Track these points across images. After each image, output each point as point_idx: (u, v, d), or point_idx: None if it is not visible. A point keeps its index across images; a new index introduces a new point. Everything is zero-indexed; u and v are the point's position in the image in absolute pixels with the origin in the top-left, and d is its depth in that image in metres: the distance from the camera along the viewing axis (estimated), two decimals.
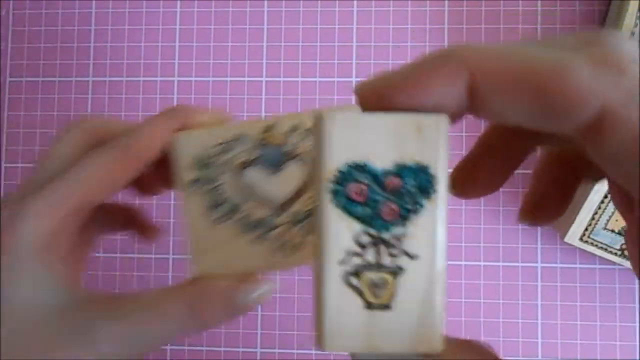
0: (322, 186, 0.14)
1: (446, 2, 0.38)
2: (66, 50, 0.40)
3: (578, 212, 0.33)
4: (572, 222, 0.33)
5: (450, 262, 0.37)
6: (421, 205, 0.14)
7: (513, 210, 0.37)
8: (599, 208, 0.32)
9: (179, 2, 0.40)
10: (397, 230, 0.14)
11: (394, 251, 0.14)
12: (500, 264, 0.37)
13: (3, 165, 0.40)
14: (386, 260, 0.14)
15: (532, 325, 0.37)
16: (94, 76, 0.40)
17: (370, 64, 0.38)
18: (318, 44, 0.39)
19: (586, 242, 0.33)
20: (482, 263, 0.37)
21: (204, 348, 0.39)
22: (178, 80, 0.40)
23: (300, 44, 0.39)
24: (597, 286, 0.37)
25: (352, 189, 0.14)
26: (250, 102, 0.39)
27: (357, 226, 0.14)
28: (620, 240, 0.33)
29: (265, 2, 0.39)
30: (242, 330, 0.38)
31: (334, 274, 0.14)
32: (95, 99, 0.40)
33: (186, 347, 0.39)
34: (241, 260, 0.22)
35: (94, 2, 0.40)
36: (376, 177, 0.14)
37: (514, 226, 0.37)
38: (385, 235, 0.14)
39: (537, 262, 0.37)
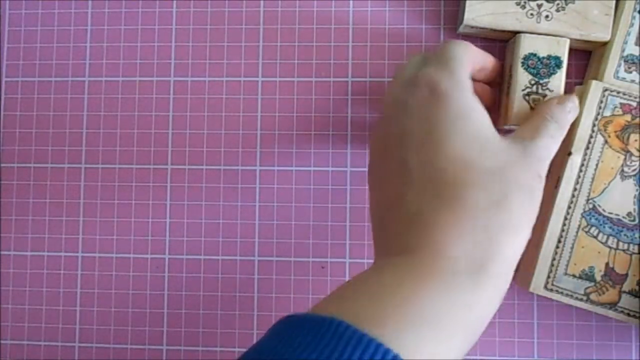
0: (518, 58, 0.33)
1: (442, 2, 0.38)
2: (62, 50, 0.40)
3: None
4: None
5: None
6: (555, 72, 0.33)
7: None
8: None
9: (174, 2, 0.40)
10: (545, 79, 0.33)
11: (544, 87, 0.33)
12: None
13: (0, 165, 0.40)
14: (539, 90, 0.33)
15: (527, 325, 0.37)
16: (90, 76, 0.40)
17: (367, 63, 0.38)
18: (314, 44, 0.39)
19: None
20: None
21: (200, 348, 0.39)
22: (174, 80, 0.40)
23: (297, 44, 0.39)
24: None
25: (530, 61, 0.33)
26: (246, 102, 0.39)
27: (530, 76, 0.33)
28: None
29: (262, 2, 0.39)
30: (238, 330, 0.38)
31: (520, 94, 0.33)
32: (91, 99, 0.40)
33: (182, 347, 0.39)
34: None
35: (90, 2, 0.40)
36: (540, 58, 0.33)
37: None
38: (541, 81, 0.33)
39: None
